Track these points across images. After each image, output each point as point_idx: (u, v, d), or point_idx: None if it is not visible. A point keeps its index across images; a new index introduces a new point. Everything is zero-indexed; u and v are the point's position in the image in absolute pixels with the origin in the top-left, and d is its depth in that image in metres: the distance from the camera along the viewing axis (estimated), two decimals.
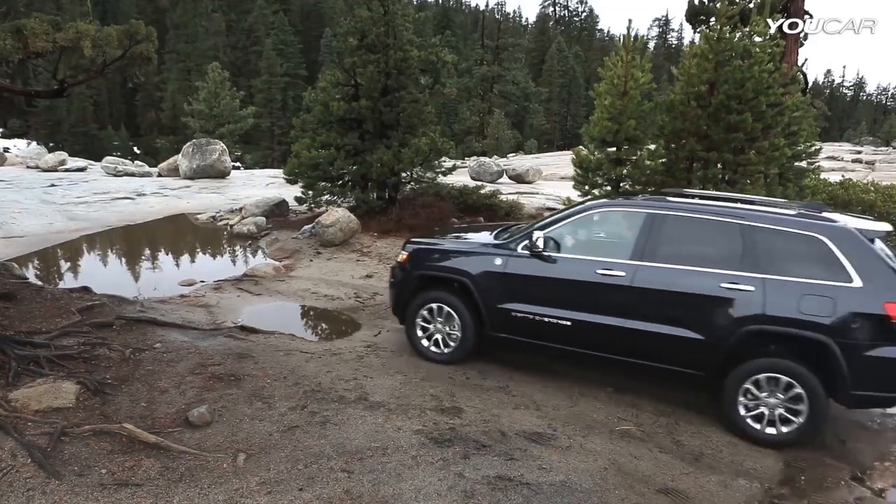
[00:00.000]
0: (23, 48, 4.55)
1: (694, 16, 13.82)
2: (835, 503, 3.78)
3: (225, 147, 20.92)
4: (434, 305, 5.47)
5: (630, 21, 9.37)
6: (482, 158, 27.48)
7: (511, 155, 43.49)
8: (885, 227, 4.55)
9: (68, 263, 9.89)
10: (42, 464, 3.42)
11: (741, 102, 7.98)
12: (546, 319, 4.97)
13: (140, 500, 3.23)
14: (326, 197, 11.90)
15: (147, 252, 11.11)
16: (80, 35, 4.71)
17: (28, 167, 21.24)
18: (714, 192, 6.67)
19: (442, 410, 4.45)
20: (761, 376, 4.35)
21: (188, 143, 20.61)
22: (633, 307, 4.67)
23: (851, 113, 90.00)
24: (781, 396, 4.33)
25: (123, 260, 10.52)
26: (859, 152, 41.15)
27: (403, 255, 5.76)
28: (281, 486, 3.39)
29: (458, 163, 15.72)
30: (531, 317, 5.03)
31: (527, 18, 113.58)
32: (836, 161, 31.81)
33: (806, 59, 11.75)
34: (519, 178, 21.19)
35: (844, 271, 4.17)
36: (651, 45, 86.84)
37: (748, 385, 4.39)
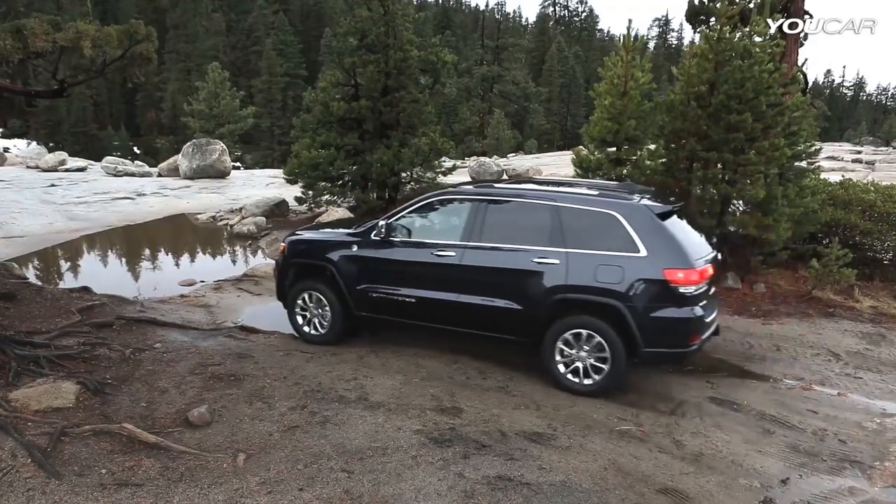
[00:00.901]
0: (23, 48, 4.55)
1: (694, 16, 13.80)
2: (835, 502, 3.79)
3: (225, 147, 20.92)
4: (306, 294, 6.02)
5: (630, 21, 9.32)
6: (482, 158, 27.48)
7: (511, 155, 43.43)
8: (678, 204, 5.31)
9: (68, 263, 9.89)
10: (42, 464, 3.42)
11: (741, 102, 7.97)
12: (396, 298, 5.57)
13: (140, 500, 3.23)
14: (326, 197, 11.90)
15: (147, 252, 11.11)
16: (80, 35, 4.71)
17: (28, 167, 21.24)
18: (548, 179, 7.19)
19: (442, 410, 4.45)
20: (570, 333, 4.92)
21: (188, 143, 20.61)
22: (464, 283, 5.27)
23: (851, 113, 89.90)
24: (588, 349, 4.89)
25: (123, 260, 10.53)
26: (859, 152, 41.05)
27: (282, 247, 6.35)
28: (281, 486, 3.40)
29: (458, 163, 15.71)
30: (384, 296, 5.63)
31: (527, 18, 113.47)
32: (836, 161, 31.70)
33: (806, 59, 11.70)
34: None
35: (633, 243, 4.71)
36: (651, 45, 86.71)
37: (561, 344, 4.97)
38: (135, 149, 54.02)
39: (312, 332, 6.04)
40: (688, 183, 8.58)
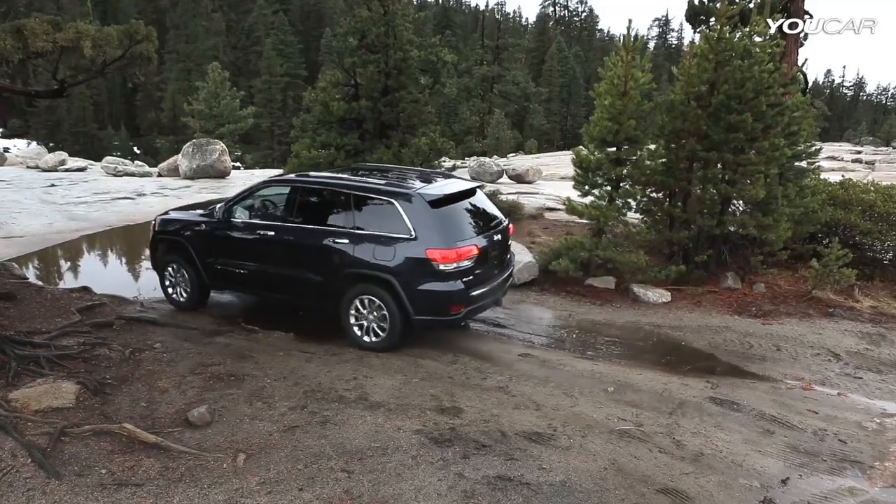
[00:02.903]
0: (23, 48, 4.54)
1: (694, 16, 13.81)
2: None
3: (225, 147, 20.86)
4: (171, 266, 6.86)
5: (630, 21, 9.27)
6: (482, 158, 27.42)
7: (511, 155, 43.40)
8: (454, 187, 5.98)
9: (68, 263, 9.89)
10: (42, 464, 3.42)
11: (741, 102, 7.96)
12: (234, 270, 6.46)
13: (140, 500, 3.23)
14: None
15: (147, 252, 11.09)
16: (80, 35, 4.71)
17: (28, 167, 21.20)
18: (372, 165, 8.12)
19: (442, 410, 4.45)
20: (360, 299, 5.77)
21: (188, 143, 20.56)
22: (281, 258, 6.13)
23: (851, 113, 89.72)
24: (374, 313, 5.75)
25: (123, 260, 10.53)
26: (859, 152, 41.01)
27: (153, 224, 7.20)
28: (281, 486, 3.40)
29: (458, 163, 15.68)
30: (226, 268, 6.50)
31: (527, 18, 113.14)
32: (836, 161, 31.67)
33: (806, 59, 11.71)
34: (519, 178, 21.17)
35: (406, 227, 5.49)
36: (651, 45, 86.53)
37: (357, 303, 5.79)
38: (135, 149, 53.99)
39: (178, 298, 6.93)
40: (688, 183, 8.58)
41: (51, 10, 47.86)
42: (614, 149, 8.48)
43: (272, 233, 6.15)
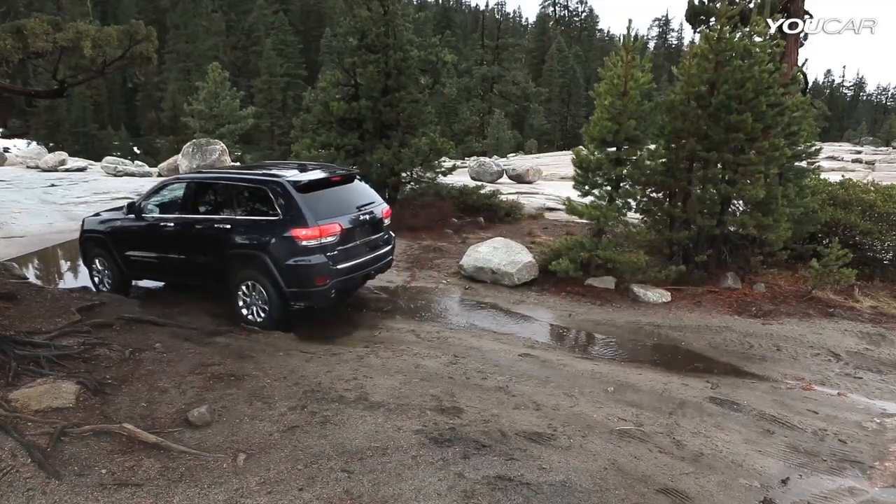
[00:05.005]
0: (23, 48, 4.54)
1: (694, 16, 13.80)
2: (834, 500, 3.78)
3: (225, 147, 20.83)
4: (97, 259, 7.55)
5: (630, 21, 9.27)
6: (482, 158, 27.41)
7: (511, 155, 43.37)
8: (323, 175, 6.63)
9: (69, 263, 9.89)
10: (42, 464, 3.42)
11: (741, 102, 7.96)
12: (145, 259, 7.16)
13: (140, 500, 3.23)
14: None
15: None
16: (80, 35, 4.71)
17: (28, 167, 21.20)
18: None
19: (442, 410, 4.45)
20: (246, 283, 6.39)
21: (188, 143, 20.54)
22: (181, 246, 6.81)
23: (851, 113, 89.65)
24: (257, 296, 6.38)
25: None
26: (859, 152, 40.99)
27: (82, 224, 7.79)
28: (281, 486, 3.40)
29: (458, 163, 15.66)
30: (139, 258, 7.19)
31: (527, 18, 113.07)
32: (836, 161, 31.65)
33: (806, 59, 11.67)
34: (519, 178, 21.15)
35: (276, 210, 6.18)
36: (651, 45, 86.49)
37: (241, 290, 6.44)
38: (135, 149, 53.98)
39: (102, 288, 7.56)
40: (688, 183, 8.58)
41: (51, 10, 47.79)
42: (614, 149, 8.48)
43: (171, 224, 6.88)
